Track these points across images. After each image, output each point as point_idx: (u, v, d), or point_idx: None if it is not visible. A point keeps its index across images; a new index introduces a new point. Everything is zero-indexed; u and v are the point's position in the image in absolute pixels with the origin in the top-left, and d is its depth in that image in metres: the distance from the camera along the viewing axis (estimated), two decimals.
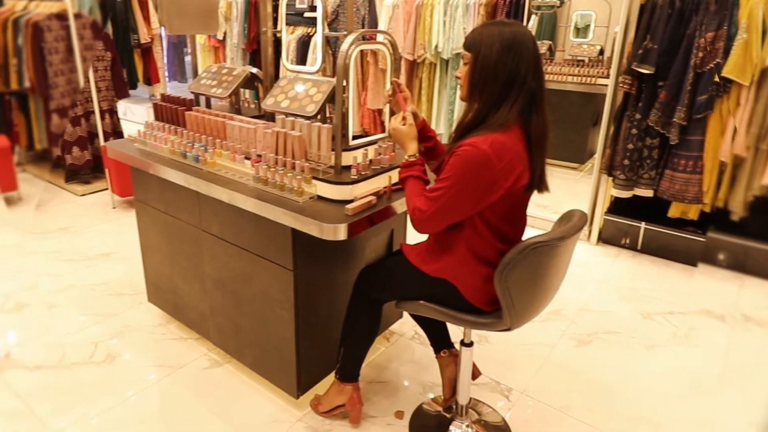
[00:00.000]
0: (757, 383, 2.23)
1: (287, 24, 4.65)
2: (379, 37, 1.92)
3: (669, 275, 3.14)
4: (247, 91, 3.96)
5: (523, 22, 3.66)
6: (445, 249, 1.57)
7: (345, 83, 1.70)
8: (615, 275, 3.13)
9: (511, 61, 1.39)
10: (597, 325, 2.60)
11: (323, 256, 1.88)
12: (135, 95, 5.89)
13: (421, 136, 1.72)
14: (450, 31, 3.93)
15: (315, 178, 1.72)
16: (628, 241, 3.43)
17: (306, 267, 1.80)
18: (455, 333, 2.01)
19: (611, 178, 3.34)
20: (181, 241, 2.18)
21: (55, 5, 3.95)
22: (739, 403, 2.12)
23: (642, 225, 3.35)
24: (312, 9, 4.49)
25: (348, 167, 1.75)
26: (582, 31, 5.14)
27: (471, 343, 1.79)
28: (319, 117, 1.88)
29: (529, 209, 1.63)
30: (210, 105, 2.41)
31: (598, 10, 5.02)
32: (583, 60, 4.90)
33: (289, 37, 4.61)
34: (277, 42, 2.35)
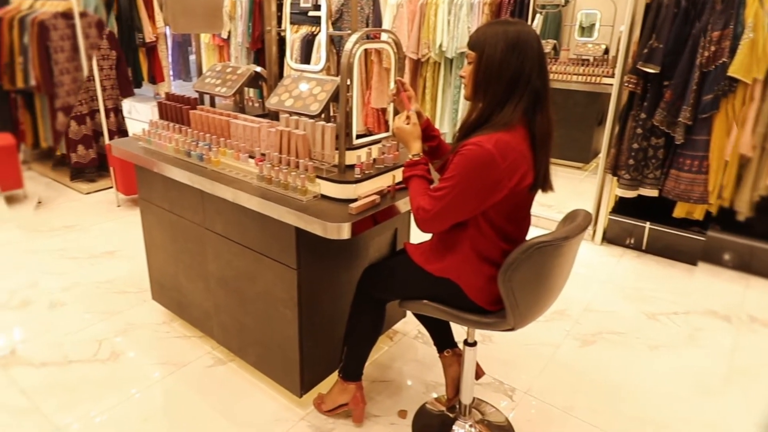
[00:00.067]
0: (763, 384, 2.22)
1: (291, 23, 4.63)
2: (384, 36, 1.92)
3: (673, 275, 3.13)
4: (252, 90, 3.97)
5: (528, 21, 3.65)
6: (449, 248, 1.57)
7: (349, 82, 1.70)
8: (619, 275, 3.12)
9: (516, 61, 1.39)
10: (601, 326, 2.59)
11: (327, 255, 1.88)
12: (140, 94, 5.91)
13: (425, 135, 1.71)
14: (454, 30, 3.92)
15: (319, 177, 1.72)
16: (632, 241, 3.42)
17: (309, 266, 1.80)
18: (459, 332, 2.00)
19: (616, 177, 3.32)
20: (185, 240, 2.19)
21: (61, 4, 3.97)
22: (744, 405, 2.10)
23: (647, 225, 3.34)
24: (316, 8, 4.48)
25: (352, 166, 1.75)
26: (587, 30, 5.12)
27: (474, 343, 1.78)
28: (323, 116, 1.88)
29: (534, 209, 1.62)
30: (214, 104, 2.41)
31: (603, 9, 5.00)
32: (588, 59, 4.88)
33: (294, 36, 4.61)
34: (282, 41, 2.35)
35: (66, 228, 3.52)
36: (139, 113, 6.25)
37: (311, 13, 4.50)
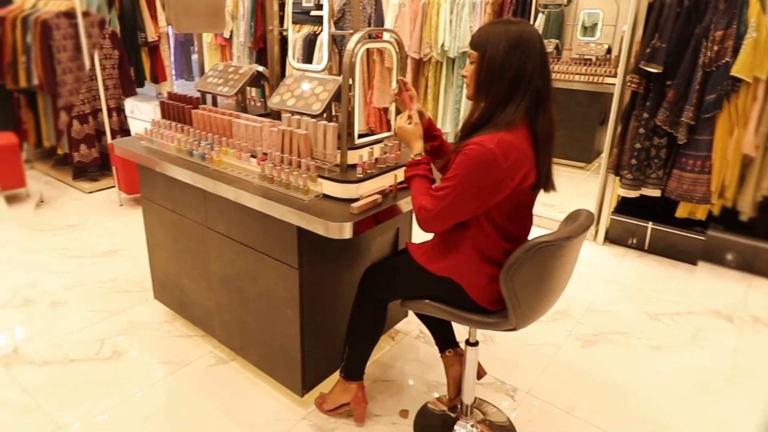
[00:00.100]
0: (766, 385, 2.21)
1: (294, 22, 4.65)
2: (386, 36, 1.92)
3: (676, 275, 3.12)
4: (254, 90, 3.97)
5: (530, 20, 3.65)
6: (451, 248, 1.56)
7: (351, 82, 1.70)
8: (622, 275, 3.11)
9: (518, 60, 1.39)
10: (603, 326, 2.59)
11: (329, 254, 1.88)
12: (142, 93, 5.92)
13: (427, 134, 1.71)
14: (456, 30, 3.92)
15: (321, 176, 1.72)
16: (635, 241, 3.41)
17: (311, 265, 1.80)
18: (460, 332, 2.00)
19: (618, 177, 3.32)
20: (188, 239, 2.19)
21: (64, 3, 3.97)
22: (747, 405, 2.10)
23: (649, 225, 3.33)
24: (318, 7, 4.48)
25: (354, 166, 1.75)
26: (589, 30, 5.11)
27: (476, 343, 1.78)
28: (325, 115, 1.88)
29: (536, 209, 1.62)
30: (216, 103, 2.42)
31: (605, 8, 4.99)
32: (591, 59, 4.87)
33: (296, 36, 4.62)
34: (284, 40, 2.35)
35: (68, 227, 3.53)
36: (142, 112, 6.26)
37: (313, 13, 4.50)
